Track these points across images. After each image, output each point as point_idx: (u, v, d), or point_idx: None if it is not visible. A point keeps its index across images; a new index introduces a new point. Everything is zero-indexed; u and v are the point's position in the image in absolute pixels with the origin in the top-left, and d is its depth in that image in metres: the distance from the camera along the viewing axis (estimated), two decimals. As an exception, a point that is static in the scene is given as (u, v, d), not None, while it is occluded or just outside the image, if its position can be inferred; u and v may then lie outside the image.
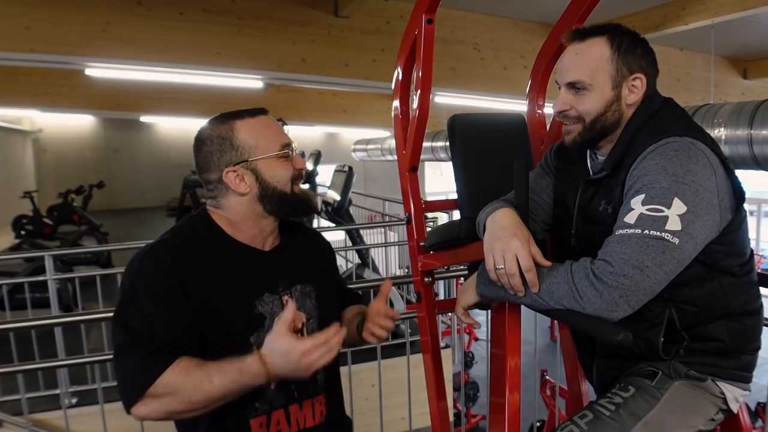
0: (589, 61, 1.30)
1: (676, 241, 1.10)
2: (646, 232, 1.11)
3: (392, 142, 10.88)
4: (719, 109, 4.33)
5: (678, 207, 1.12)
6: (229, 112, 1.32)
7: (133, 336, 1.18)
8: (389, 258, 6.17)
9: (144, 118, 12.37)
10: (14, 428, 3.22)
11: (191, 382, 1.14)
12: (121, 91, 8.82)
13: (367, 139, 12.54)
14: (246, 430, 1.28)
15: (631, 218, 1.14)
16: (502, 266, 1.18)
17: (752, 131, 4.03)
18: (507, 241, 1.18)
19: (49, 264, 3.62)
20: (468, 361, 7.64)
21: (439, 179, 14.73)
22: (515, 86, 6.30)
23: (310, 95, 10.27)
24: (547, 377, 5.58)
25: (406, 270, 8.12)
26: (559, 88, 1.37)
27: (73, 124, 13.00)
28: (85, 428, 3.26)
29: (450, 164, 1.77)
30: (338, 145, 14.51)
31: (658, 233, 1.10)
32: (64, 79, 8.56)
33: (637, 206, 1.14)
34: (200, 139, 1.32)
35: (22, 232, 7.97)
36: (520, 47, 6.24)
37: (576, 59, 1.32)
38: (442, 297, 3.95)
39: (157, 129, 13.70)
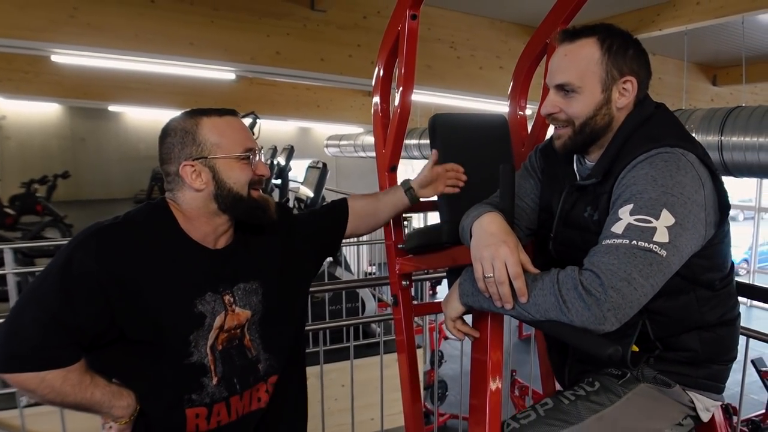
0: (579, 62, 1.26)
1: (664, 253, 1.07)
2: (634, 242, 1.07)
3: (365, 139, 10.83)
4: (691, 115, 4.38)
5: (666, 219, 1.08)
6: (199, 109, 1.33)
7: (48, 313, 1.16)
8: (361, 255, 6.14)
9: (112, 108, 12.04)
10: (-32, 427, 3.10)
11: (72, 392, 1.20)
12: (88, 79, 8.55)
13: (340, 135, 12.47)
14: (181, 420, 1.30)
15: (618, 228, 1.10)
16: (491, 275, 1.13)
17: (722, 138, 4.08)
18: (496, 249, 1.13)
19: (8, 257, 3.51)
20: (437, 359, 7.64)
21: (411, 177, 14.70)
22: (491, 86, 6.30)
23: (284, 89, 10.13)
24: (516, 377, 5.61)
25: (375, 269, 8.09)
26: (548, 89, 1.33)
27: (38, 112, 12.57)
28: (42, 428, 3.14)
29: (423, 163, 1.74)
30: (311, 140, 14.37)
31: (646, 244, 1.06)
32: (30, 65, 8.28)
33: (625, 216, 1.11)
34: (166, 130, 1.33)
35: (-18, 222, 7.70)
36: (497, 47, 6.23)
37: (565, 60, 1.28)
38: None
39: (125, 119, 13.35)
